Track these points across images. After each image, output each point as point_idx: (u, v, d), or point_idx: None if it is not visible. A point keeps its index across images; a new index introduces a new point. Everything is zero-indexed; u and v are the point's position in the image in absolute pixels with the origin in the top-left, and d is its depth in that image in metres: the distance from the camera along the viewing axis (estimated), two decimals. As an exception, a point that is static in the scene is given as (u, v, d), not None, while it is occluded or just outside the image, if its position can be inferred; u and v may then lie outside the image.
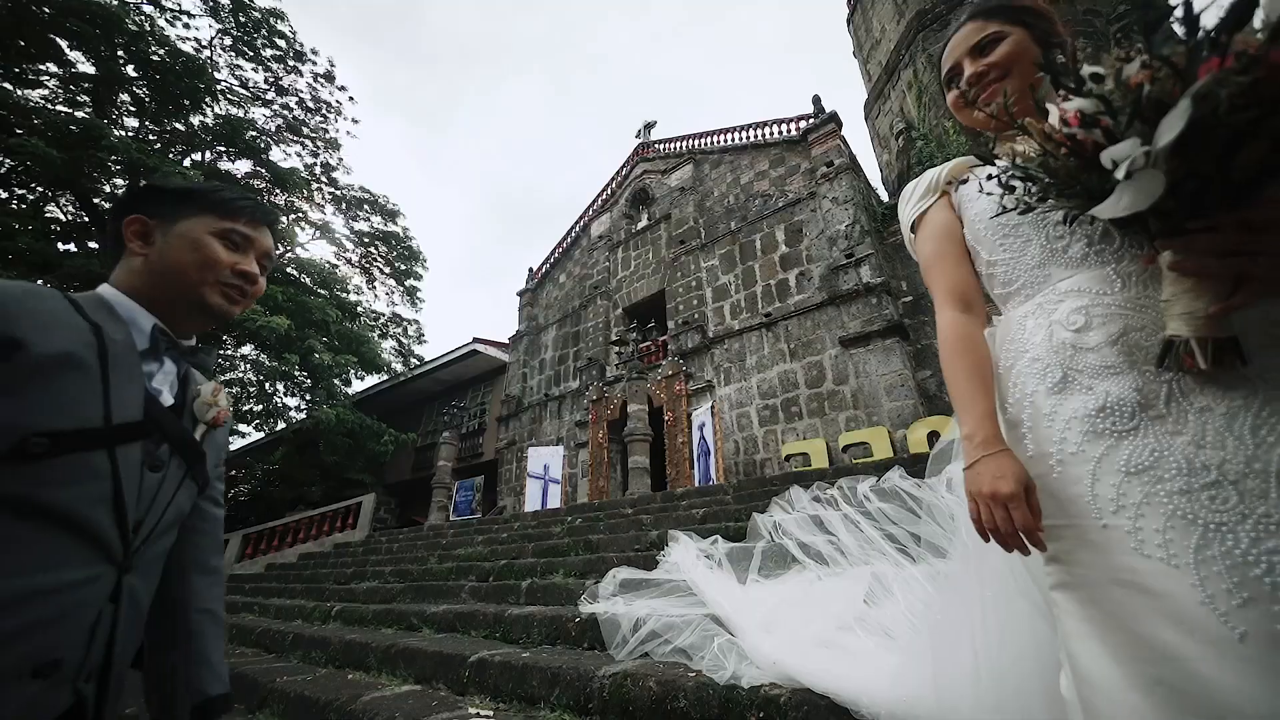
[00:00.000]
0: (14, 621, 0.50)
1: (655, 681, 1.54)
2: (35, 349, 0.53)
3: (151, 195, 0.72)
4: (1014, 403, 0.65)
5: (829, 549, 2.23)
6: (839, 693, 1.17)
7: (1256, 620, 0.43)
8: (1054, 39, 0.78)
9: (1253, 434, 0.49)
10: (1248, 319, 0.51)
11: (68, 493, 0.54)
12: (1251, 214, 0.47)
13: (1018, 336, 0.68)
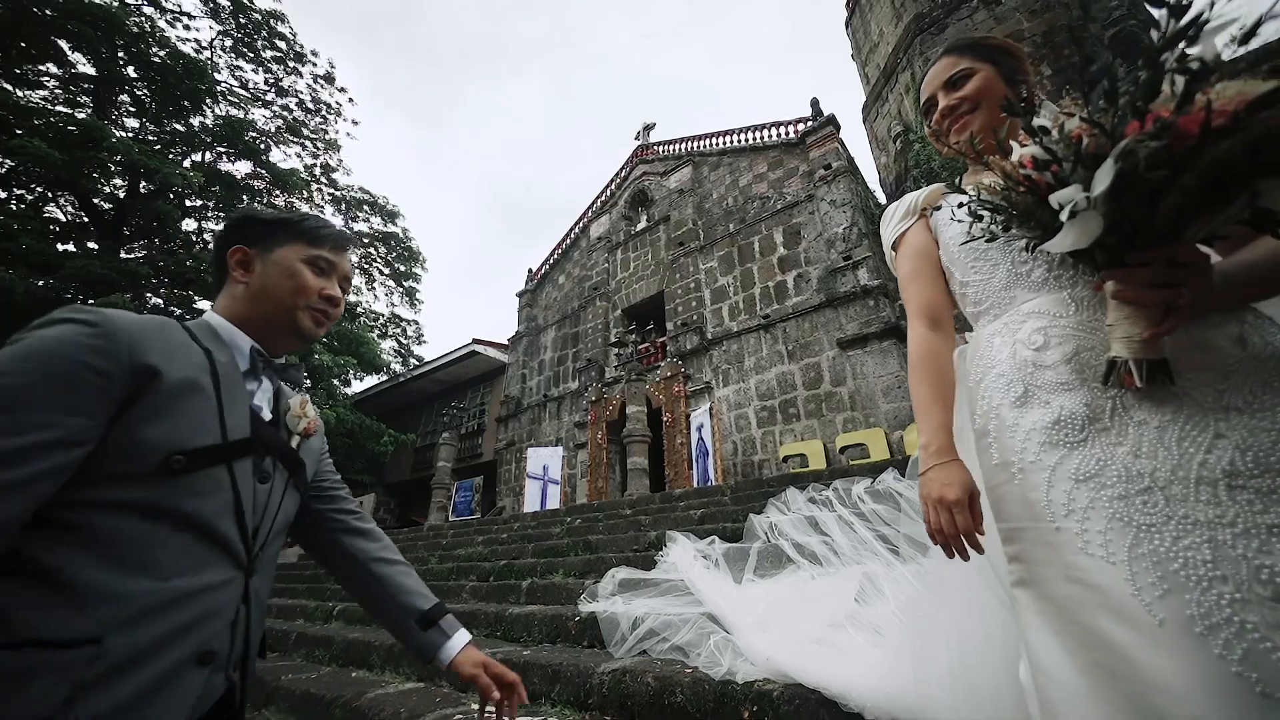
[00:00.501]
0: (184, 616, 0.57)
1: (653, 677, 1.60)
2: (167, 376, 0.59)
3: (249, 225, 0.78)
4: (982, 414, 0.70)
5: (823, 549, 2.28)
6: (828, 687, 1.22)
7: (1173, 608, 0.49)
8: (1019, 76, 0.83)
9: (1178, 445, 0.55)
10: (1176, 342, 0.57)
11: (202, 504, 0.60)
12: (1177, 252, 0.53)
13: (986, 353, 0.74)
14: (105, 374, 0.55)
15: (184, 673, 0.56)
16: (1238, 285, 0.57)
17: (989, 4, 10.26)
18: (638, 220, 12.78)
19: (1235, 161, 0.47)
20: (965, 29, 10.52)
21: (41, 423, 0.50)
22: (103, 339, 0.56)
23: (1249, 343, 0.56)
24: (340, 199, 13.78)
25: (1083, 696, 0.52)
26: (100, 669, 0.49)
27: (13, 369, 0.51)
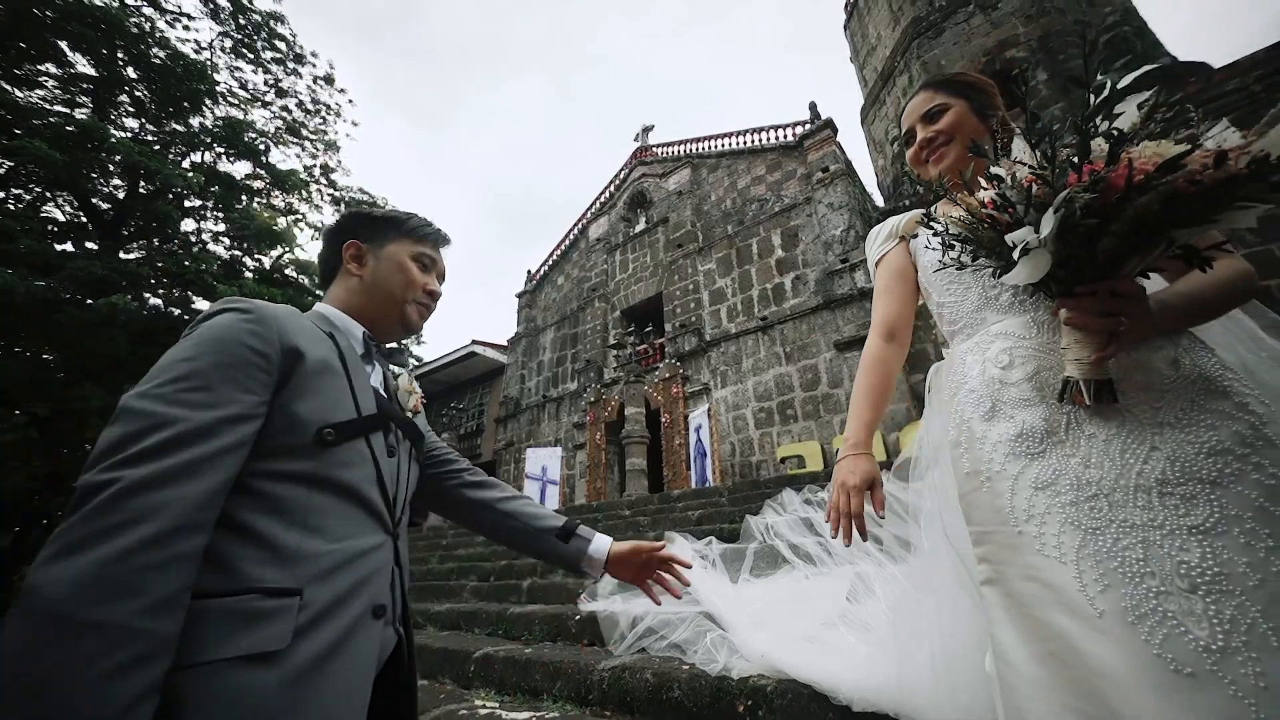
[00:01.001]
0: (357, 574, 0.62)
1: (651, 674, 1.65)
2: (309, 356, 0.65)
3: (363, 221, 0.83)
4: (956, 426, 0.76)
5: (817, 550, 2.34)
6: (819, 682, 1.28)
7: (1111, 601, 0.55)
8: (990, 110, 0.89)
9: (1120, 456, 0.61)
10: (1120, 364, 0.64)
11: (352, 474, 0.65)
12: (1118, 284, 0.59)
13: (959, 370, 0.79)
14: (264, 355, 0.60)
15: (366, 624, 0.62)
16: (1174, 313, 0.64)
17: (985, 8, 10.34)
18: (636, 222, 12.83)
19: (1152, 214, 0.53)
20: (962, 33, 10.60)
21: (228, 399, 0.56)
22: (258, 324, 0.62)
23: (1181, 365, 0.62)
24: (339, 199, 13.78)
25: (1037, 682, 0.58)
26: (308, 616, 0.55)
27: (197, 353, 0.57)
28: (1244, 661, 0.49)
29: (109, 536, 0.44)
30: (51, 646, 0.40)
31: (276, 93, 12.14)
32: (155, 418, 0.51)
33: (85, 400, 8.37)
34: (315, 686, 0.53)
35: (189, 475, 0.50)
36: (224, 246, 11.79)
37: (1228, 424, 0.58)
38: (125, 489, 0.46)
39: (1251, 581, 0.52)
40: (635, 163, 13.22)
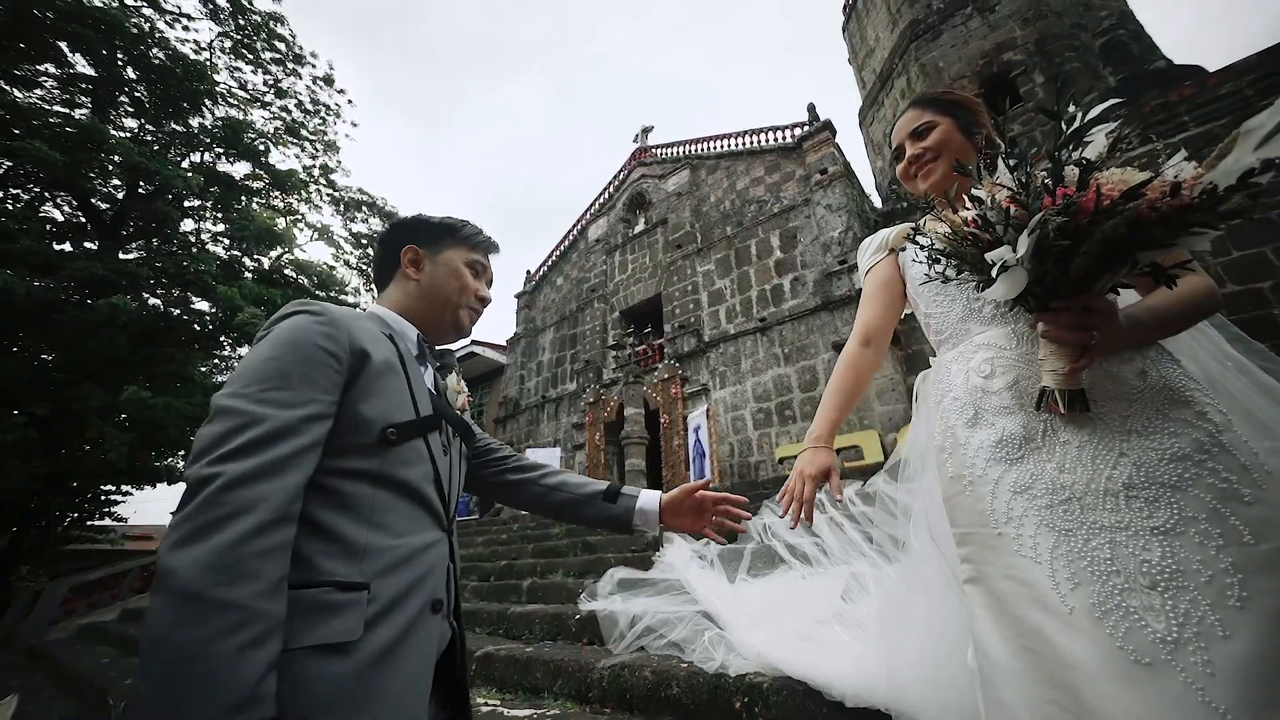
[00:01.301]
0: (418, 570, 0.65)
1: (650, 671, 1.69)
2: (374, 358, 0.67)
3: (420, 227, 0.85)
4: (941, 432, 0.79)
5: (814, 550, 2.37)
6: (814, 679, 1.32)
7: (1080, 598, 0.59)
8: (976, 128, 0.93)
9: (1092, 462, 0.65)
10: (1093, 375, 0.67)
11: (411, 473, 0.68)
12: (1090, 300, 0.63)
13: (945, 378, 0.83)
14: (335, 356, 0.63)
15: (426, 618, 0.64)
16: (1142, 327, 0.67)
17: (983, 11, 10.39)
18: (636, 223, 12.86)
19: (1118, 237, 0.57)
20: (960, 35, 10.65)
21: (307, 398, 0.59)
22: (330, 326, 0.64)
23: (1149, 376, 0.66)
24: (339, 200, 13.79)
25: (1014, 675, 0.62)
26: (375, 609, 0.58)
27: (277, 353, 0.60)
28: (1194, 651, 0.53)
29: (221, 526, 0.48)
30: (193, 622, 0.44)
31: (276, 93, 12.15)
32: (247, 415, 0.55)
33: (85, 400, 8.37)
34: (384, 676, 0.56)
35: (279, 471, 0.53)
36: (223, 247, 11.80)
37: (1188, 431, 0.62)
38: (229, 482, 0.50)
39: (1203, 578, 0.56)
40: (634, 164, 13.25)
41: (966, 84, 10.08)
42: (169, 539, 0.48)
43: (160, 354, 10.15)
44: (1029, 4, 9.72)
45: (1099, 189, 0.57)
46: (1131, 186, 0.55)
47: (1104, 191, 0.56)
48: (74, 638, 6.52)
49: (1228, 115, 5.85)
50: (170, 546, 0.47)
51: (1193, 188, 0.55)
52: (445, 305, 0.83)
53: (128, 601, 7.37)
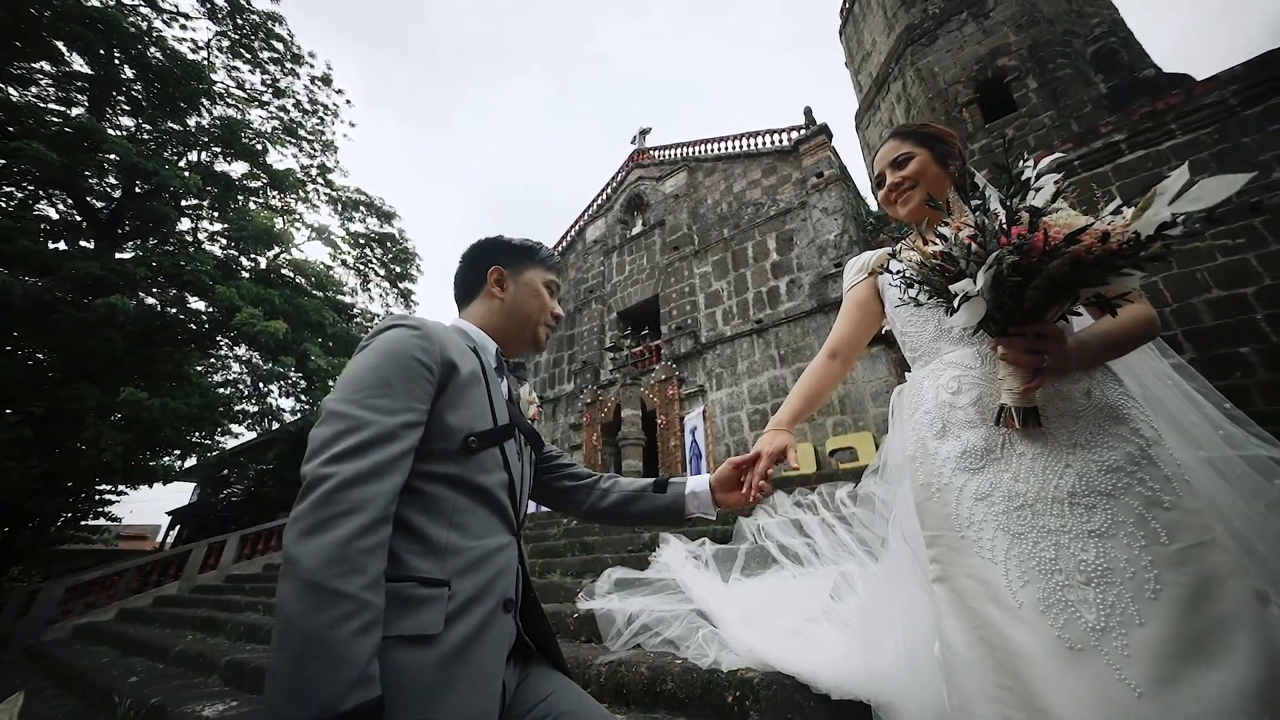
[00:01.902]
0: (492, 570, 0.69)
1: (646, 668, 1.75)
2: (461, 370, 0.73)
3: (504, 248, 0.91)
4: (913, 442, 0.86)
5: (805, 551, 2.44)
6: (801, 673, 1.38)
7: (1028, 595, 0.66)
8: (951, 159, 1.00)
9: (1042, 472, 0.72)
10: (1045, 394, 0.74)
11: (488, 479, 0.72)
12: (1042, 328, 0.70)
13: (917, 393, 0.90)
14: (429, 367, 0.68)
15: (498, 616, 0.68)
16: (1089, 351, 0.74)
17: (977, 17, 10.50)
18: (633, 224, 12.92)
19: (1062, 274, 0.64)
20: (955, 41, 10.76)
21: (405, 406, 0.64)
22: (425, 339, 0.70)
23: (1093, 395, 0.73)
24: (336, 199, 13.79)
25: (972, 663, 0.69)
26: (455, 605, 0.63)
27: (380, 363, 0.65)
28: (1116, 637, 0.61)
29: (336, 522, 0.54)
30: (317, 609, 0.50)
31: (274, 93, 12.15)
32: (355, 420, 0.60)
33: (81, 400, 8.36)
34: (462, 668, 0.61)
35: (382, 474, 0.59)
36: (219, 247, 11.78)
37: (1124, 445, 0.70)
38: (342, 483, 0.56)
39: (1128, 574, 0.63)
40: (632, 165, 13.31)
41: (961, 89, 10.19)
42: (293, 529, 0.54)
43: (157, 354, 10.14)
44: (1023, 10, 9.83)
45: (1046, 232, 0.63)
46: (1071, 232, 0.63)
47: (1050, 234, 0.63)
48: (71, 638, 6.53)
49: (1214, 124, 5.96)
50: (295, 537, 0.53)
51: (1120, 236, 0.62)
52: (526, 322, 0.89)
53: (125, 601, 7.38)
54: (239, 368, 12.37)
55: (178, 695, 2.65)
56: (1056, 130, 8.46)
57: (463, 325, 0.86)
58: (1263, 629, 0.58)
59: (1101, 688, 0.58)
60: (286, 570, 0.52)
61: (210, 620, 4.70)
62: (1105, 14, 9.46)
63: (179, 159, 11.08)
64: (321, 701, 0.47)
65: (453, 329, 0.82)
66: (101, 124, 8.94)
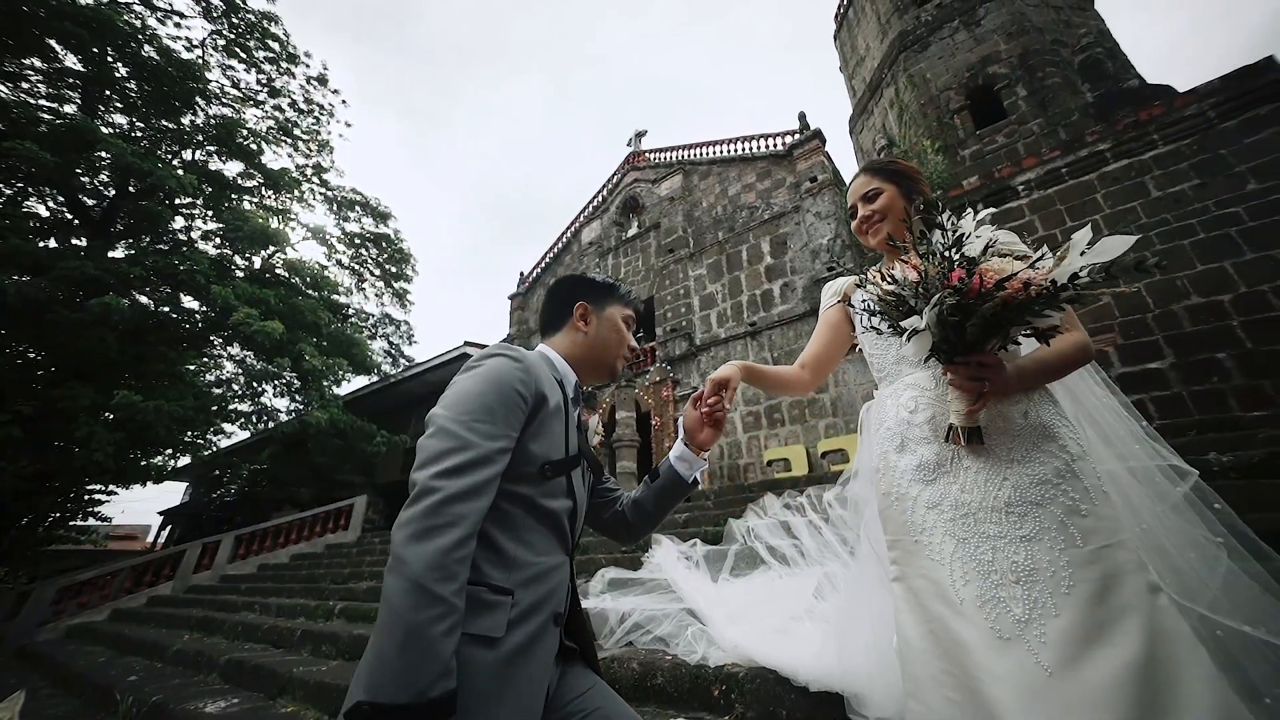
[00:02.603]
0: (549, 586, 0.75)
1: (638, 663, 1.83)
2: (549, 402, 0.80)
3: (588, 286, 0.99)
4: (877, 455, 0.95)
5: (792, 551, 2.53)
6: (782, 668, 1.47)
7: (969, 592, 0.75)
8: (915, 194, 1.09)
9: (984, 484, 0.81)
10: (989, 414, 0.83)
11: (555, 503, 0.79)
12: (983, 358, 0.78)
13: (881, 411, 0.99)
14: (525, 398, 0.75)
15: (549, 628, 0.75)
16: (1027, 376, 0.83)
17: (969, 25, 10.66)
18: (629, 226, 13.00)
19: (995, 314, 0.73)
20: (947, 48, 10.91)
21: (502, 433, 0.71)
22: (525, 371, 0.77)
23: (1030, 416, 0.82)
24: (332, 199, 13.77)
25: (922, 652, 0.78)
26: (516, 613, 0.69)
27: (485, 390, 0.72)
28: (1036, 628, 0.70)
29: (440, 533, 0.62)
30: (420, 607, 0.57)
31: (269, 92, 12.11)
32: (461, 440, 0.68)
33: (74, 399, 8.33)
34: (519, 670, 0.67)
35: (478, 494, 0.66)
36: (213, 245, 11.73)
37: (1052, 460, 0.79)
38: (447, 498, 0.64)
39: (1049, 573, 0.72)
40: (628, 168, 13.38)
41: (953, 95, 10.34)
42: (402, 532, 0.62)
43: (151, 353, 10.10)
44: (1012, 19, 9.99)
45: (981, 277, 0.72)
46: (1000, 279, 0.71)
47: (985, 279, 0.72)
48: (63, 638, 6.53)
49: (1193, 135, 6.12)
50: (404, 540, 0.61)
51: (1040, 284, 0.71)
52: (606, 354, 0.97)
53: (119, 602, 7.37)
54: (232, 367, 12.33)
55: (178, 693, 2.70)
56: (1045, 138, 8.62)
57: (549, 354, 0.93)
58: (1150, 615, 0.68)
59: (1021, 670, 0.68)
60: (395, 567, 0.60)
61: (207, 620, 4.74)
62: (1092, 24, 9.65)
63: (173, 157, 11.03)
64: (417, 688, 0.55)
65: (541, 356, 0.89)
66: (94, 122, 8.89)
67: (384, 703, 0.54)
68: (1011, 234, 0.89)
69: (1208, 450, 2.59)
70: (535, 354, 0.86)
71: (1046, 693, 0.65)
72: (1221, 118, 5.94)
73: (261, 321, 8.69)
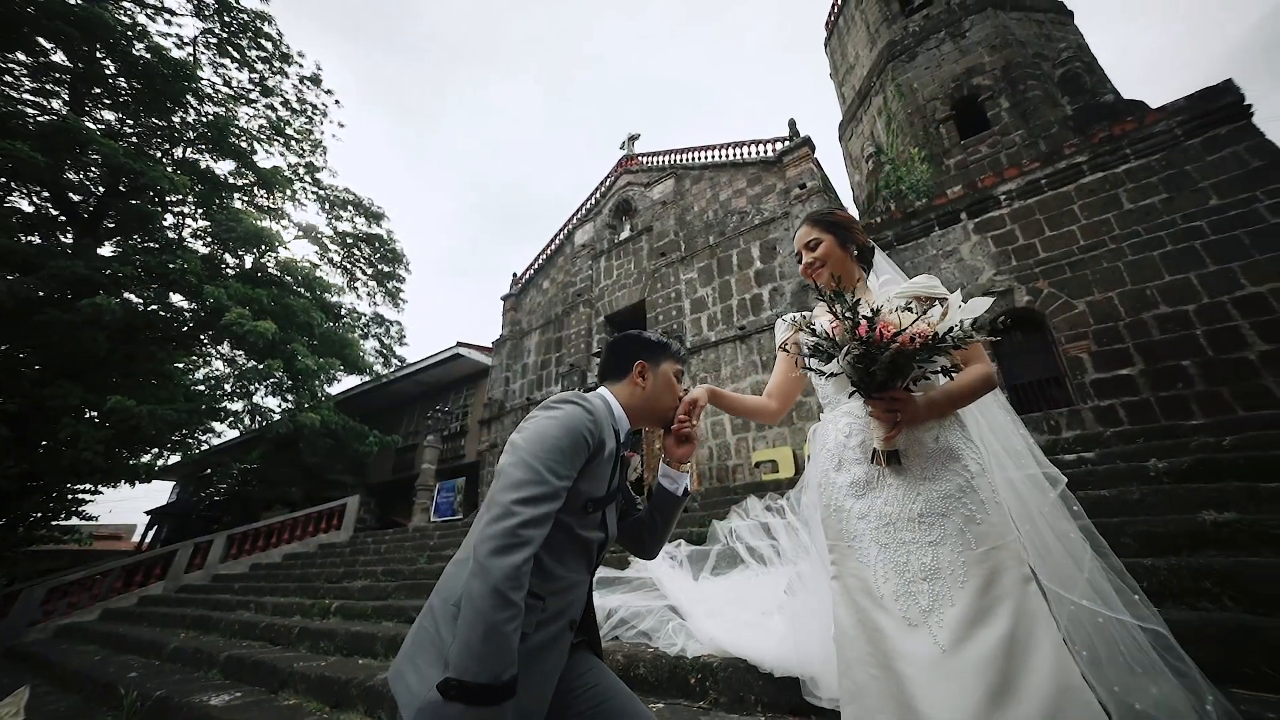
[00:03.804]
0: (569, 598, 0.90)
1: (622, 655, 1.98)
2: (606, 449, 0.93)
3: (645, 345, 1.12)
4: (821, 472, 1.10)
5: (770, 551, 2.69)
6: (751, 657, 1.63)
7: (887, 589, 0.91)
8: (850, 242, 1.24)
9: (902, 498, 0.96)
10: (906, 439, 0.98)
11: (589, 534, 0.94)
12: (893, 394, 0.94)
13: (824, 433, 1.14)
14: (588, 444, 0.89)
15: (565, 633, 0.90)
16: (937, 405, 0.98)
17: (955, 37, 10.91)
18: (621, 229, 13.13)
19: (892, 361, 0.88)
20: (934, 59, 11.15)
21: (567, 474, 0.85)
22: (593, 421, 0.91)
23: (939, 440, 0.98)
24: (324, 198, 13.76)
25: (852, 638, 0.93)
26: (543, 616, 0.84)
27: (561, 435, 0.86)
28: (936, 615, 0.86)
29: (516, 550, 0.76)
30: (498, 609, 0.71)
31: (262, 91, 12.09)
32: (538, 475, 0.82)
33: (64, 398, 8.31)
34: (538, 662, 0.82)
35: (544, 522, 0.80)
36: (204, 243, 11.69)
37: (955, 478, 0.94)
38: (524, 522, 0.77)
39: (949, 571, 0.88)
40: (621, 171, 13.51)
41: (939, 105, 10.58)
42: (485, 546, 0.76)
43: (140, 352, 10.07)
44: (996, 32, 10.24)
45: (881, 332, 0.88)
46: (894, 333, 0.87)
47: (884, 332, 0.88)
48: (53, 638, 6.54)
49: (1162, 151, 6.37)
50: (487, 553, 0.75)
51: (923, 338, 0.86)
52: (660, 407, 1.10)
53: (109, 601, 7.38)
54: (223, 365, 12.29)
55: (181, 688, 2.80)
56: (1026, 149, 8.87)
57: (610, 401, 1.06)
58: (1020, 600, 0.84)
59: (923, 650, 0.83)
60: (479, 572, 0.74)
61: (202, 619, 4.81)
62: (1072, 39, 9.93)
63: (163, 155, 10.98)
64: (494, 672, 0.69)
65: (604, 404, 1.03)
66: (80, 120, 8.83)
67: (470, 681, 0.68)
68: (931, 278, 1.05)
69: (1149, 457, 2.78)
70: (599, 399, 1.00)
71: (941, 666, 0.81)
72: (1187, 135, 6.20)
73: (254, 322, 8.70)
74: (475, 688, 0.68)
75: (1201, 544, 1.84)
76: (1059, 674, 0.76)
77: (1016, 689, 0.75)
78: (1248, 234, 5.59)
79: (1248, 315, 5.43)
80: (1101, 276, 6.59)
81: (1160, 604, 1.61)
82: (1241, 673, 1.29)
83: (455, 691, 0.68)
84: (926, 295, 1.02)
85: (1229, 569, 1.58)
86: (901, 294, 1.07)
